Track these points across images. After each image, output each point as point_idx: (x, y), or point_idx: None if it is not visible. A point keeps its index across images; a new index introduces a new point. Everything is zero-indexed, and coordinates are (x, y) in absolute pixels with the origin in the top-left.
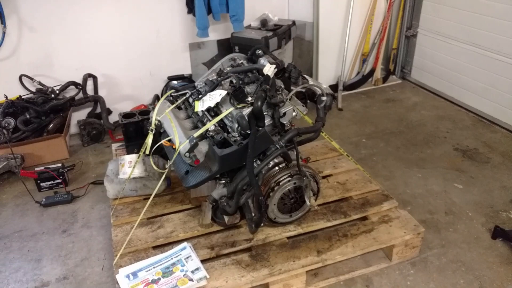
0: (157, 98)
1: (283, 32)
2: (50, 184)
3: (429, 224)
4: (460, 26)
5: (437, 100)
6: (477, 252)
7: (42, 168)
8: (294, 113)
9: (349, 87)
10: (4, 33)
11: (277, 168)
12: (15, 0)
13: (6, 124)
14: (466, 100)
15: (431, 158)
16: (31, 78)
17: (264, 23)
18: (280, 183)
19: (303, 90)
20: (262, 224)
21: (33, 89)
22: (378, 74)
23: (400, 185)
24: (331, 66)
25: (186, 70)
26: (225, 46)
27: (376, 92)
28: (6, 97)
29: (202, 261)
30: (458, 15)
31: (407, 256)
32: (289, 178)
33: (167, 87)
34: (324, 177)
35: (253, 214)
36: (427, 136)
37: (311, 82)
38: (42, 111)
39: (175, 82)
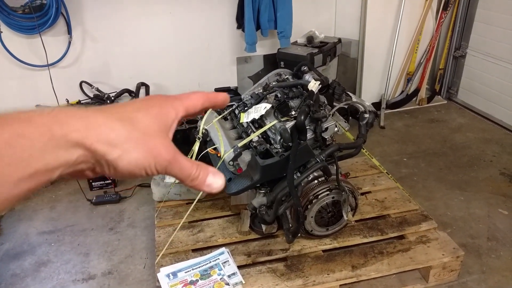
0: None
1: (328, 49)
2: (101, 184)
3: (469, 248)
4: None
5: (485, 122)
6: None
7: None
8: (336, 129)
9: (392, 105)
10: (69, 42)
11: (316, 181)
12: (82, 13)
13: None
14: None
15: (475, 181)
16: (90, 85)
17: (310, 40)
18: (319, 196)
19: (346, 106)
20: (298, 235)
21: (91, 95)
22: (423, 93)
23: (441, 207)
24: (375, 84)
25: (232, 83)
26: (271, 61)
27: (420, 112)
28: (68, 101)
29: (239, 267)
30: (510, 36)
31: (444, 279)
32: (328, 192)
33: None
34: (362, 194)
35: (290, 225)
36: (471, 159)
37: (354, 99)
38: None
39: None
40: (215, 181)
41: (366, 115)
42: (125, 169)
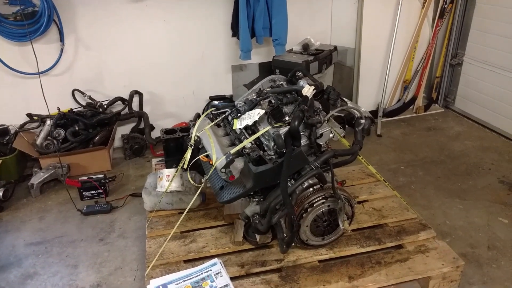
0: (198, 116)
1: (324, 57)
2: (91, 194)
3: (469, 258)
4: (508, 55)
5: (482, 130)
6: None
7: (85, 178)
8: (331, 135)
9: (389, 113)
10: (62, 50)
11: (311, 189)
12: (75, 21)
13: (57, 135)
14: None
15: (474, 190)
16: (83, 93)
17: (305, 47)
18: (314, 205)
19: (342, 114)
20: (293, 245)
21: (83, 103)
22: (420, 102)
23: (439, 216)
24: (371, 92)
25: (228, 91)
26: (266, 69)
27: (417, 120)
28: (59, 109)
29: (232, 278)
30: (506, 44)
31: None
32: (323, 200)
33: (208, 106)
34: (359, 203)
35: (284, 235)
36: (469, 167)
37: (350, 104)
38: (90, 124)
39: (216, 102)
40: None
41: (362, 121)
42: None
